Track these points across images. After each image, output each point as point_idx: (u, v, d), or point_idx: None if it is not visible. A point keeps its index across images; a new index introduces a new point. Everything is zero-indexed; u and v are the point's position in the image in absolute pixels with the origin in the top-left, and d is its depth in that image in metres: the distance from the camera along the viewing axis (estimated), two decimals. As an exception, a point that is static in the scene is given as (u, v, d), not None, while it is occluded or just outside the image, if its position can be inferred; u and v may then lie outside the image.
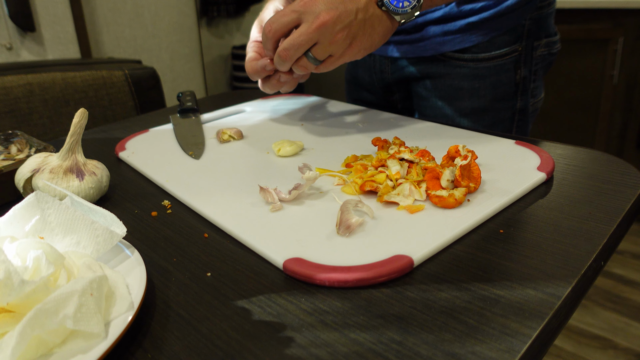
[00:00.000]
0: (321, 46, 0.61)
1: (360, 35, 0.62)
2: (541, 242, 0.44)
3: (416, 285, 0.39)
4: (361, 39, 0.62)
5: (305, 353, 0.33)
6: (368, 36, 0.63)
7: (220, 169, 0.63)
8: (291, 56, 0.62)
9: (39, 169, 0.55)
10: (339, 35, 0.60)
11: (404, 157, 0.56)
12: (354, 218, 0.46)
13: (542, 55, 0.88)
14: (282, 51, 0.62)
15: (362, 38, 0.62)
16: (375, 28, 0.63)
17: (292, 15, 0.61)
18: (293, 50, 0.61)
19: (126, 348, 0.36)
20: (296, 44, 0.60)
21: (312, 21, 0.59)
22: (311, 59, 0.62)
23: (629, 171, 0.56)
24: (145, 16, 2.69)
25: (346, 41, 0.61)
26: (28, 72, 1.24)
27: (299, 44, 0.60)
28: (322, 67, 0.64)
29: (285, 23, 0.61)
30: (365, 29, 0.62)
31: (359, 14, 0.61)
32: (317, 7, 0.59)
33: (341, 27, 0.60)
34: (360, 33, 0.62)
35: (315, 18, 0.59)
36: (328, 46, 0.61)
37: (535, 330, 0.33)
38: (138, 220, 0.53)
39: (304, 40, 0.60)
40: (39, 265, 0.36)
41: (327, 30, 0.59)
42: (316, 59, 0.62)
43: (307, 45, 0.61)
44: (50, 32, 2.28)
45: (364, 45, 0.63)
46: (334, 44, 0.61)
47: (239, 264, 0.44)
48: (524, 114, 0.88)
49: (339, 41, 0.61)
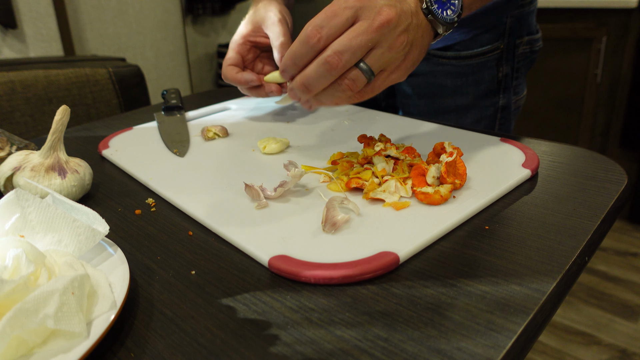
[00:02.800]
0: (379, 51, 0.48)
1: (415, 44, 0.51)
2: (526, 238, 0.44)
3: (402, 282, 0.39)
4: (414, 50, 0.51)
5: (291, 350, 0.33)
6: (419, 46, 0.52)
7: (205, 167, 0.62)
8: (345, 62, 0.47)
9: (20, 167, 0.54)
10: (401, 38, 0.48)
11: (390, 154, 0.56)
12: (340, 215, 0.46)
13: (524, 52, 0.88)
14: (334, 56, 0.47)
15: (416, 49, 0.51)
16: (425, 38, 0.52)
17: (346, 13, 0.47)
18: (349, 53, 0.47)
19: (109, 347, 0.35)
20: (354, 46, 0.47)
21: (374, 17, 0.47)
22: (366, 71, 0.49)
23: (613, 168, 0.56)
24: (129, 13, 2.66)
25: (405, 49, 0.50)
26: (10, 69, 1.22)
27: (358, 45, 0.47)
28: (370, 90, 0.51)
29: (340, 25, 0.47)
30: (418, 37, 0.51)
31: (414, 18, 0.50)
32: (377, 2, 0.48)
33: (402, 29, 0.48)
34: (416, 41, 0.51)
35: (377, 14, 0.47)
36: (387, 52, 0.48)
37: (521, 325, 0.34)
38: (121, 219, 0.53)
39: (364, 40, 0.47)
40: (18, 264, 0.35)
41: (391, 31, 0.48)
42: (371, 70, 0.49)
43: (367, 47, 0.47)
44: (32, 29, 2.24)
45: (415, 57, 0.52)
46: (393, 49, 0.49)
47: (224, 262, 0.44)
48: (506, 111, 0.89)
49: (399, 47, 0.49)
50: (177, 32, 2.94)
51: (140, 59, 2.77)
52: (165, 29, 2.88)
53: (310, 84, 0.49)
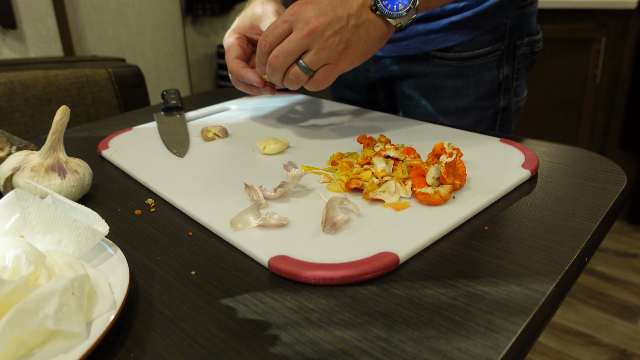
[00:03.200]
0: (312, 52, 0.59)
1: (354, 41, 0.60)
2: (526, 238, 0.44)
3: (402, 282, 0.39)
4: (356, 45, 0.60)
5: (291, 351, 0.33)
6: (363, 41, 0.61)
7: (205, 167, 0.62)
8: (281, 63, 0.60)
9: (19, 167, 0.54)
10: (330, 40, 0.58)
11: (390, 155, 0.56)
12: (340, 215, 0.46)
13: (525, 54, 0.88)
14: (273, 58, 0.60)
15: (357, 44, 0.60)
16: (370, 33, 0.61)
17: (283, 25, 0.60)
18: (283, 57, 0.60)
19: (108, 348, 0.35)
20: (286, 51, 0.59)
21: (302, 28, 0.58)
22: (303, 68, 0.60)
23: (612, 169, 0.56)
24: (129, 14, 2.66)
25: (339, 46, 0.59)
26: (9, 70, 1.22)
27: (289, 50, 0.59)
28: (318, 76, 0.61)
29: (279, 35, 0.60)
30: (359, 34, 0.60)
31: (351, 20, 0.59)
32: (307, 15, 0.58)
33: (332, 32, 0.58)
34: (354, 39, 0.60)
35: (305, 25, 0.58)
36: (320, 52, 0.59)
37: (520, 326, 0.34)
38: (121, 219, 0.53)
39: (294, 46, 0.59)
40: (18, 265, 0.35)
41: (318, 36, 0.58)
42: (309, 67, 0.60)
43: (297, 51, 0.59)
44: (32, 30, 2.24)
45: (360, 50, 0.61)
46: (325, 49, 0.59)
47: (224, 262, 0.44)
48: (507, 112, 0.89)
49: (331, 46, 0.59)
50: (176, 33, 2.95)
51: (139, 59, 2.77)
52: (165, 30, 2.88)
53: (270, 78, 0.65)
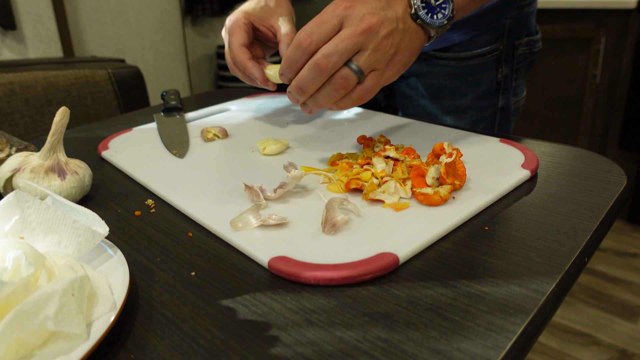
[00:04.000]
0: (366, 53, 0.53)
1: (402, 47, 0.55)
2: (525, 238, 0.44)
3: (402, 283, 0.39)
4: (403, 51, 0.56)
5: (291, 352, 0.33)
6: (408, 50, 0.56)
7: (205, 168, 0.62)
8: (333, 64, 0.53)
9: (19, 169, 0.54)
10: (385, 42, 0.53)
11: (390, 155, 0.56)
12: (340, 216, 0.46)
13: (524, 54, 0.88)
14: (323, 58, 0.52)
15: (404, 51, 0.56)
16: (414, 41, 0.57)
17: (333, 21, 0.53)
18: (337, 56, 0.52)
19: (109, 349, 0.35)
20: (340, 49, 0.52)
21: (358, 24, 0.52)
22: (356, 71, 0.53)
23: (612, 168, 0.56)
24: (128, 15, 2.66)
25: (391, 50, 0.54)
26: (9, 71, 1.22)
27: (344, 48, 0.52)
28: (367, 84, 0.55)
29: (329, 30, 0.53)
30: (406, 41, 0.55)
31: (399, 24, 0.55)
32: (361, 11, 0.53)
33: (386, 33, 0.53)
34: (402, 44, 0.55)
35: (360, 21, 0.52)
36: (373, 53, 0.53)
37: (520, 326, 0.34)
38: (121, 220, 0.53)
39: (349, 44, 0.52)
40: (18, 266, 0.35)
41: (374, 35, 0.53)
42: (360, 69, 0.53)
43: (352, 50, 0.53)
44: (31, 31, 2.24)
45: (405, 59, 0.56)
46: (379, 51, 0.53)
47: (224, 263, 0.44)
48: (505, 112, 0.89)
49: (385, 49, 0.53)
50: (176, 34, 2.95)
51: (139, 60, 2.77)
52: (165, 30, 2.88)
53: (304, 85, 0.55)
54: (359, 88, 0.55)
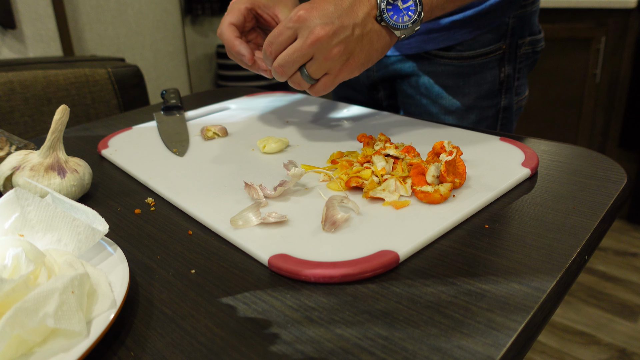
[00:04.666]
0: (316, 62, 0.57)
1: (357, 51, 0.58)
2: (526, 236, 0.44)
3: (402, 281, 0.39)
4: (358, 55, 0.58)
5: (291, 349, 0.33)
6: (366, 52, 0.59)
7: (205, 166, 0.62)
8: (286, 72, 0.59)
9: (19, 167, 0.54)
10: (335, 50, 0.56)
11: (390, 153, 0.56)
12: (340, 214, 0.46)
13: (526, 53, 0.88)
14: (277, 67, 0.59)
15: (360, 54, 0.58)
16: (374, 43, 0.59)
17: (287, 32, 0.58)
18: (288, 66, 0.58)
19: (109, 346, 0.35)
20: (290, 61, 0.58)
21: (307, 36, 0.56)
22: (305, 77, 0.59)
23: (612, 167, 0.56)
24: (128, 14, 2.66)
25: (342, 57, 0.57)
26: (9, 70, 1.22)
27: (294, 60, 0.57)
28: (319, 86, 0.61)
29: (283, 42, 0.58)
30: (362, 45, 0.58)
31: (356, 29, 0.57)
32: (312, 22, 0.56)
33: (337, 42, 0.56)
34: (357, 49, 0.58)
35: (310, 33, 0.55)
36: (323, 62, 0.57)
37: (521, 323, 0.34)
38: (121, 218, 0.53)
39: (298, 56, 0.57)
40: (18, 264, 0.35)
41: (322, 46, 0.56)
42: (310, 77, 0.59)
43: (301, 61, 0.57)
44: (31, 30, 2.24)
45: (361, 61, 0.59)
46: (329, 60, 0.57)
47: (224, 261, 0.44)
48: (508, 111, 0.89)
49: (335, 57, 0.57)
50: (176, 33, 2.95)
51: (139, 59, 2.77)
52: (165, 30, 2.88)
53: (277, 78, 0.62)
54: (313, 88, 0.61)
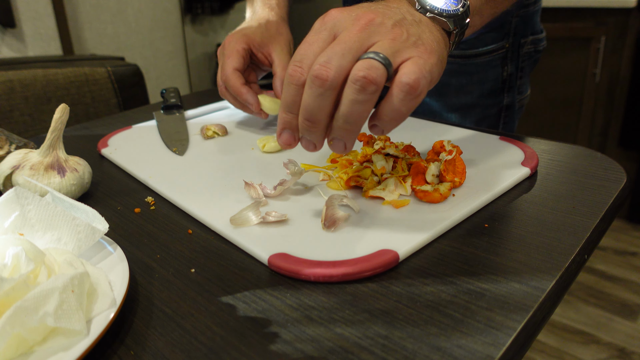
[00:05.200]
0: (380, 43, 0.41)
1: (424, 38, 0.42)
2: (525, 236, 0.44)
3: (402, 280, 0.39)
4: (428, 41, 0.42)
5: (291, 348, 0.33)
6: (432, 41, 0.43)
7: (205, 165, 0.62)
8: (336, 69, 0.39)
9: (19, 166, 0.54)
10: (397, 30, 0.41)
11: (389, 153, 0.56)
12: (340, 213, 0.46)
13: (529, 52, 0.88)
14: (319, 68, 0.39)
15: (428, 41, 0.42)
16: (433, 32, 0.44)
17: (322, 34, 0.42)
18: (337, 58, 0.39)
19: (109, 345, 0.35)
20: (339, 50, 0.40)
21: (354, 23, 0.41)
22: (374, 57, 0.39)
23: (612, 166, 0.56)
24: (128, 13, 2.66)
25: (410, 38, 0.41)
26: (8, 68, 1.22)
27: (343, 49, 0.40)
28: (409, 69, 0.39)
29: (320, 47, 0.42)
30: (423, 31, 0.43)
31: (407, 15, 0.44)
32: (351, 15, 0.42)
33: (394, 22, 0.42)
34: (423, 35, 0.42)
35: (356, 19, 0.42)
36: (390, 42, 0.41)
37: (520, 323, 0.34)
38: (121, 217, 0.53)
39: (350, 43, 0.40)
40: (18, 263, 0.35)
41: (378, 27, 0.41)
42: (384, 55, 0.39)
43: (357, 47, 0.40)
44: (31, 29, 2.24)
45: (435, 49, 0.42)
46: (395, 39, 0.41)
47: (224, 260, 0.44)
48: (510, 110, 0.89)
49: (402, 36, 0.41)
50: (176, 32, 2.94)
51: (139, 58, 2.77)
52: (164, 28, 2.88)
53: (311, 112, 0.41)
54: (401, 82, 0.39)
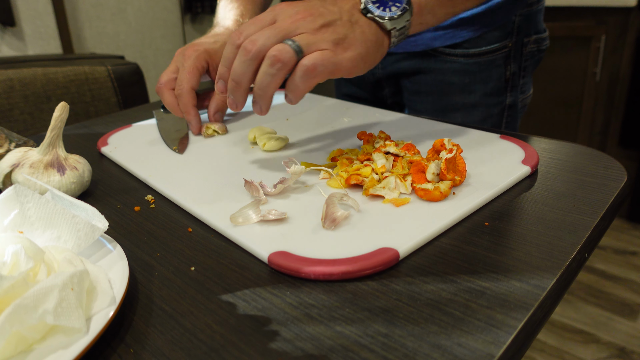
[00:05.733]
0: (304, 35, 0.49)
1: (351, 38, 0.50)
2: (526, 234, 0.44)
3: (402, 278, 0.39)
4: (354, 42, 0.51)
5: (291, 347, 0.33)
6: (361, 41, 0.51)
7: (204, 164, 0.62)
8: (260, 45, 0.49)
9: (18, 164, 0.54)
10: (323, 30, 0.49)
11: (390, 151, 0.56)
12: (340, 211, 0.45)
13: (532, 51, 0.88)
14: (248, 42, 0.49)
15: (355, 42, 0.51)
16: (366, 34, 0.52)
17: (267, 15, 0.51)
18: (263, 38, 0.49)
19: (108, 343, 0.35)
20: (267, 33, 0.49)
21: (291, 15, 0.50)
22: (290, 44, 0.48)
23: (612, 165, 0.56)
24: (128, 11, 2.66)
25: (333, 36, 0.49)
26: (8, 67, 1.22)
27: (271, 33, 0.49)
28: (313, 57, 0.48)
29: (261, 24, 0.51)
30: (354, 32, 0.51)
31: (344, 15, 0.51)
32: (295, 8, 0.51)
33: (324, 22, 0.50)
34: (350, 35, 0.50)
35: (295, 13, 0.50)
36: (312, 35, 0.49)
37: (521, 321, 0.33)
38: (121, 215, 0.53)
39: (279, 28, 0.49)
40: (17, 260, 0.35)
41: (308, 23, 0.49)
42: (298, 45, 0.48)
43: (282, 33, 0.49)
44: (31, 27, 2.24)
45: (359, 50, 0.51)
46: (318, 34, 0.49)
47: (224, 258, 0.43)
48: (513, 109, 0.89)
49: (324, 35, 0.49)
50: (175, 30, 2.94)
51: (139, 57, 2.77)
52: (164, 27, 2.87)
53: (237, 75, 0.50)
54: (302, 64, 0.48)
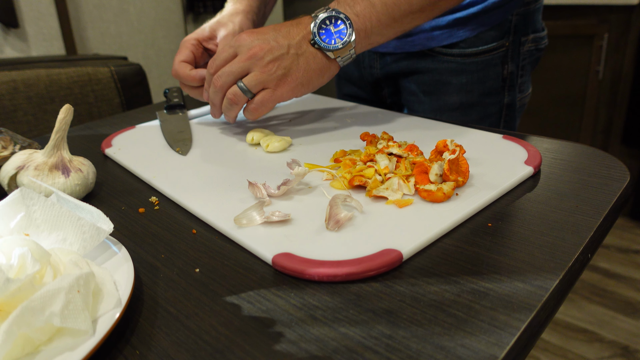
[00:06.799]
0: (252, 75, 0.63)
1: (294, 69, 0.63)
2: (529, 235, 0.44)
3: (405, 279, 0.39)
4: (295, 73, 0.64)
5: (295, 348, 0.33)
6: (303, 71, 0.64)
7: (208, 165, 0.62)
8: (222, 83, 0.65)
9: (23, 166, 0.54)
10: (270, 65, 0.62)
11: (393, 152, 0.56)
12: (343, 213, 0.46)
13: (530, 50, 0.88)
14: (216, 78, 0.66)
15: (297, 72, 0.64)
16: (310, 64, 0.64)
17: (229, 50, 0.65)
18: (225, 76, 0.65)
19: (114, 345, 0.35)
20: (227, 71, 0.64)
21: (245, 52, 0.63)
22: (242, 88, 0.64)
23: (615, 165, 0.56)
24: (130, 12, 2.66)
25: (278, 71, 0.63)
26: (12, 69, 1.22)
27: (230, 71, 0.64)
28: (257, 99, 0.65)
29: (224, 58, 0.66)
30: (299, 64, 0.63)
31: (291, 49, 0.63)
32: (252, 42, 0.63)
33: (272, 58, 0.62)
34: (293, 67, 0.63)
35: (248, 50, 0.63)
36: (259, 75, 0.63)
37: (524, 322, 0.34)
38: (125, 217, 0.53)
39: (235, 68, 0.64)
40: (24, 263, 0.36)
41: (258, 60, 0.62)
42: (247, 88, 0.64)
43: (238, 72, 0.64)
44: (34, 29, 2.24)
45: (299, 79, 0.64)
46: (265, 73, 0.63)
47: (228, 260, 0.44)
48: (511, 109, 0.89)
49: (270, 71, 0.62)
50: (178, 31, 2.94)
51: (141, 57, 2.77)
52: (167, 28, 2.88)
53: (212, 99, 0.69)
54: (251, 102, 0.66)
